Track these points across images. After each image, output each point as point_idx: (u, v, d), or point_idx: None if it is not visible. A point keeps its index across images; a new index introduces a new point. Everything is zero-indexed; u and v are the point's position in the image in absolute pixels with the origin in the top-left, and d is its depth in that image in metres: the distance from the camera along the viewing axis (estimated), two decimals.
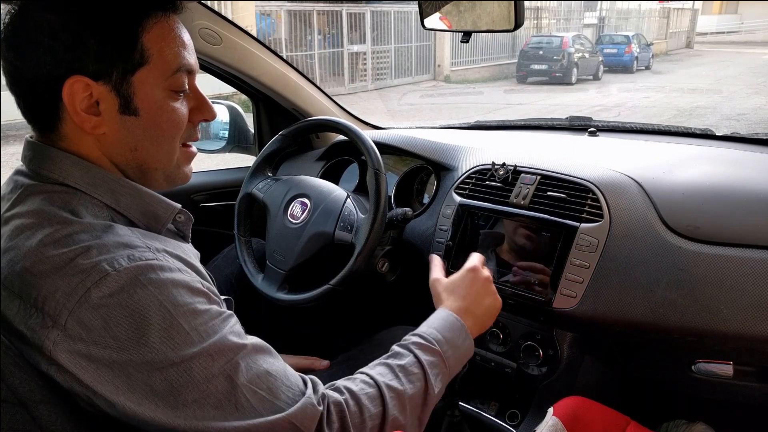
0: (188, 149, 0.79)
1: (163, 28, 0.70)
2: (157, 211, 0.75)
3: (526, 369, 1.22)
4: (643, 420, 1.03)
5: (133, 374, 0.60)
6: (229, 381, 0.63)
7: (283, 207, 1.28)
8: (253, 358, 0.67)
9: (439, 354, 0.81)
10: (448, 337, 0.83)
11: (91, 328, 0.59)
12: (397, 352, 0.80)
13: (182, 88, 0.73)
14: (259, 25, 10.01)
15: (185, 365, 0.62)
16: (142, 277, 0.62)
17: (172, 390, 0.61)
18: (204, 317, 0.65)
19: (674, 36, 20.41)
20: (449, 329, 0.85)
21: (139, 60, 0.68)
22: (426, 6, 1.12)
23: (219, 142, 1.71)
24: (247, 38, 1.44)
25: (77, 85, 0.66)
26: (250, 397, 0.64)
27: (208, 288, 0.69)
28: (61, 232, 0.63)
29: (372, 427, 0.71)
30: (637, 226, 1.04)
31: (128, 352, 0.60)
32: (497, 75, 13.95)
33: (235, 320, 0.70)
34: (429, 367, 0.78)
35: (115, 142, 0.71)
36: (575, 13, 17.73)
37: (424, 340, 0.82)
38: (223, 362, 0.64)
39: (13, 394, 0.60)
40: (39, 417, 0.61)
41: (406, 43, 12.27)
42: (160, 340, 0.61)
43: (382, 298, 1.54)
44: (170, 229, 0.79)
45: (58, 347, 0.59)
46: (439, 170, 1.38)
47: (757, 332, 0.93)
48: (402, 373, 0.76)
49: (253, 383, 0.65)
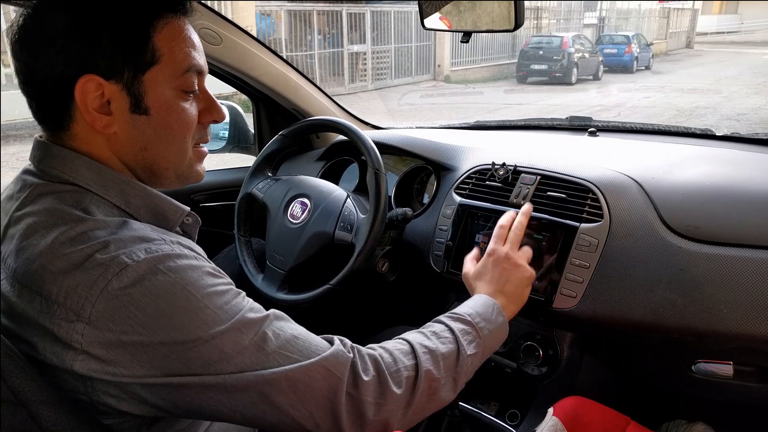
0: (199, 149, 0.80)
1: (174, 29, 0.71)
2: (167, 213, 0.76)
3: (526, 369, 1.22)
4: (643, 420, 1.03)
5: (168, 354, 0.62)
6: (260, 350, 0.65)
7: (283, 207, 1.28)
8: (278, 326, 0.69)
9: (470, 323, 0.84)
10: (480, 311, 0.87)
11: (116, 318, 0.60)
12: (429, 324, 0.84)
13: (192, 88, 0.74)
14: (259, 25, 10.01)
15: (216, 342, 0.63)
16: (162, 266, 0.63)
17: (207, 365, 0.63)
18: (226, 297, 0.67)
19: (674, 36, 20.42)
20: (481, 306, 0.89)
21: (150, 59, 0.69)
22: (426, 6, 1.12)
23: (219, 142, 1.71)
24: (247, 38, 1.44)
25: (89, 84, 0.67)
26: (281, 360, 0.66)
27: (221, 272, 0.71)
28: (76, 229, 0.64)
29: (408, 377, 0.74)
30: (637, 226, 1.04)
31: (157, 335, 0.61)
32: (497, 75, 13.95)
33: (250, 299, 0.72)
34: (460, 334, 0.82)
35: (125, 141, 0.71)
36: (575, 13, 17.74)
37: (455, 313, 0.86)
38: (251, 334, 0.66)
39: (13, 394, 0.60)
40: (39, 417, 0.61)
41: (406, 43, 12.27)
42: (187, 321, 0.62)
43: (382, 298, 1.54)
44: (177, 232, 0.80)
45: (88, 339, 0.60)
46: (439, 170, 1.38)
47: (757, 332, 0.93)
48: (433, 336, 0.80)
49: (283, 348, 0.67)
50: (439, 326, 0.83)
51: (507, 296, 0.94)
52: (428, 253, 1.26)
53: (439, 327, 0.83)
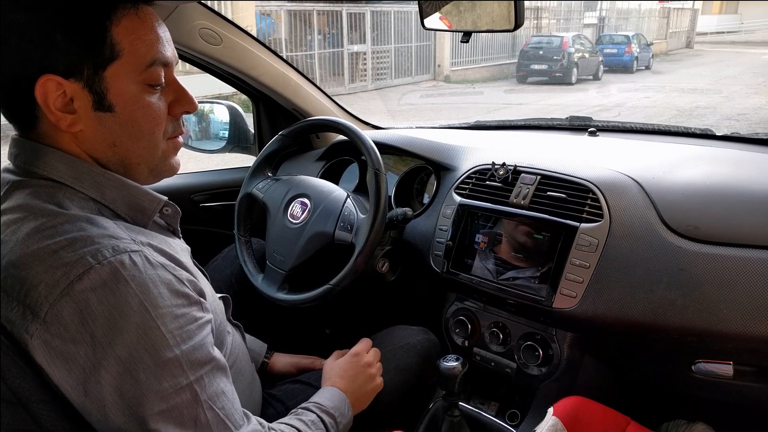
0: (175, 140, 0.78)
1: (134, 21, 0.69)
2: (143, 204, 0.75)
3: (526, 369, 1.22)
4: (643, 420, 1.03)
5: (105, 378, 0.61)
6: (194, 395, 0.65)
7: (283, 207, 1.28)
8: (215, 375, 0.69)
9: (333, 417, 0.90)
10: (337, 406, 0.93)
11: (69, 324, 0.60)
12: (302, 411, 0.89)
13: (158, 81, 0.71)
14: (259, 25, 10.00)
15: (156, 372, 0.62)
16: (125, 273, 0.62)
17: (141, 397, 0.62)
18: (181, 321, 0.65)
19: (674, 36, 20.40)
20: (338, 400, 0.95)
21: (109, 55, 0.67)
22: (426, 6, 1.11)
23: (219, 142, 1.72)
24: (247, 38, 1.44)
25: (49, 84, 0.66)
26: (208, 413, 0.66)
27: (191, 285, 0.69)
28: (47, 224, 0.63)
29: None
30: (637, 226, 1.04)
31: (103, 350, 0.60)
32: (497, 75, 13.94)
33: (209, 329, 0.71)
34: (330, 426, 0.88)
35: (92, 139, 0.70)
36: (575, 13, 17.72)
37: (321, 405, 0.91)
38: (192, 374, 0.65)
39: (13, 393, 0.60)
40: (39, 417, 0.61)
41: (406, 43, 12.26)
42: (137, 339, 0.61)
43: (382, 298, 1.54)
44: (158, 223, 0.79)
45: (35, 341, 0.60)
46: (439, 170, 1.38)
47: (757, 332, 0.93)
48: (313, 426, 0.85)
49: (212, 400, 0.67)
50: (312, 416, 0.87)
51: (355, 399, 0.99)
52: (428, 253, 1.26)
53: (312, 416, 0.87)
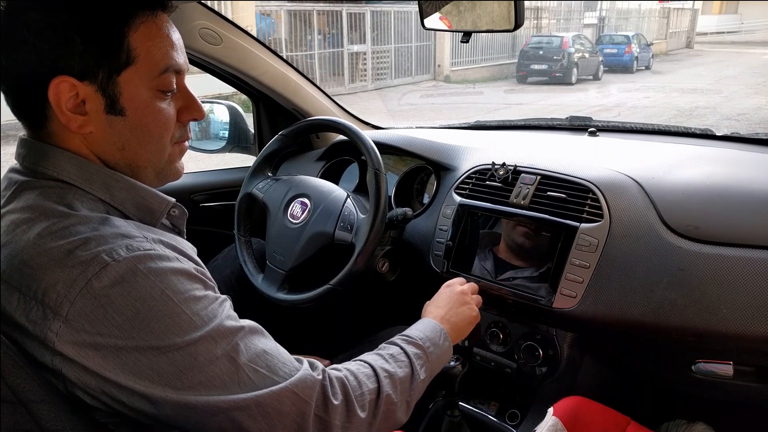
0: (181, 145, 0.78)
1: (151, 28, 0.69)
2: (152, 205, 0.75)
3: (526, 369, 1.22)
4: (643, 420, 1.03)
5: (140, 359, 0.61)
6: (231, 362, 0.65)
7: (283, 207, 1.28)
8: (251, 339, 0.69)
9: (421, 347, 0.87)
10: (429, 336, 0.90)
11: (93, 318, 0.60)
12: (385, 346, 0.87)
13: (170, 88, 0.72)
14: (259, 25, 10.01)
15: (190, 349, 0.63)
16: (142, 266, 0.63)
17: (179, 373, 0.63)
18: (203, 302, 0.66)
19: (674, 36, 20.40)
20: (430, 330, 0.92)
21: (125, 60, 0.68)
22: (426, 6, 1.11)
23: (219, 142, 1.72)
24: (247, 38, 1.44)
25: (63, 85, 0.66)
26: (251, 374, 0.66)
27: (203, 274, 0.70)
28: (58, 225, 0.63)
29: (370, 401, 0.76)
30: (637, 226, 1.04)
31: (133, 339, 0.61)
32: (497, 75, 13.94)
33: (229, 304, 0.72)
34: (414, 357, 0.85)
35: (102, 141, 0.71)
36: (575, 13, 17.72)
37: (408, 336, 0.89)
38: (225, 344, 0.66)
39: (13, 393, 0.60)
40: (39, 417, 0.61)
41: (406, 43, 12.26)
42: (164, 326, 0.62)
43: (382, 298, 1.54)
44: (165, 224, 0.79)
45: (62, 338, 0.60)
46: (439, 170, 1.38)
47: (757, 332, 0.93)
48: (392, 360, 0.83)
49: (253, 362, 0.67)
50: (395, 349, 0.85)
51: (452, 325, 0.97)
52: (428, 253, 1.26)
53: (395, 350, 0.85)
